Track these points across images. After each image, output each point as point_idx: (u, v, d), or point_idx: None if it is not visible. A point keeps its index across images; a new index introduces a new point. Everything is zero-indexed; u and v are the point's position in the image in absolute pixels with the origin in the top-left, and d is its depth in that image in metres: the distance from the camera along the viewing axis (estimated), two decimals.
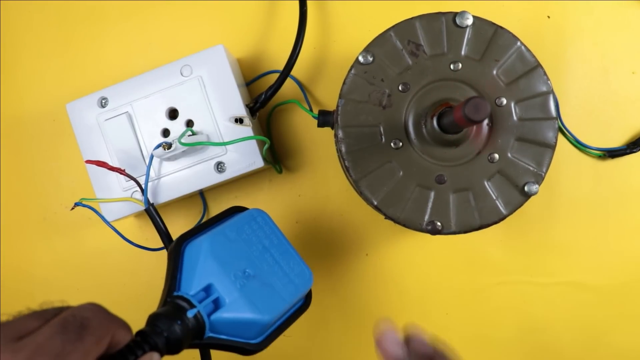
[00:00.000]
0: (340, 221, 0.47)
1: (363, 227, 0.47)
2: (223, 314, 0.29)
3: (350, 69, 0.38)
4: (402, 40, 0.38)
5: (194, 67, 0.43)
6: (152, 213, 0.41)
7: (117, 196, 0.44)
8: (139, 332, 0.26)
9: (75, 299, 0.53)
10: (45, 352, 0.21)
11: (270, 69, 0.48)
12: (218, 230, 0.32)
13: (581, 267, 0.46)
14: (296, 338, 0.48)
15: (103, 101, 0.44)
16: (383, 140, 0.37)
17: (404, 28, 0.38)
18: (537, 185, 0.37)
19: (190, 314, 0.27)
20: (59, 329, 0.22)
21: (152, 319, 0.27)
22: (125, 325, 0.25)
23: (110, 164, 0.41)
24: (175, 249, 0.31)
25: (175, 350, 0.27)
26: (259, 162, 0.43)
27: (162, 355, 0.26)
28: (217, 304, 0.29)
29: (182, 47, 0.48)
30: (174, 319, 0.27)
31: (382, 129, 0.37)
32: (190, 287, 0.29)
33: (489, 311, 0.47)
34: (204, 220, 0.48)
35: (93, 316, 0.23)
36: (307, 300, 0.35)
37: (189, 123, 0.43)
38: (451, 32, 0.38)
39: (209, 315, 0.29)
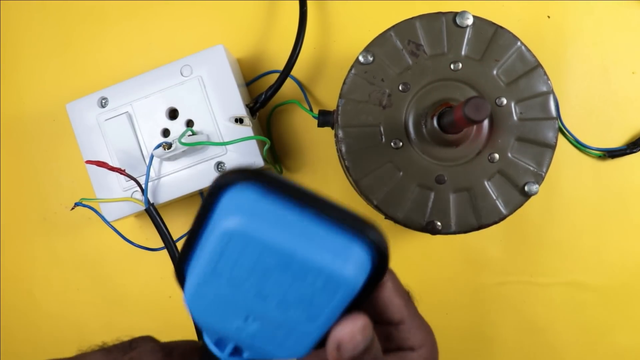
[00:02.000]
0: None
1: None
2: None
3: (351, 69, 0.38)
4: (402, 40, 0.38)
5: (194, 67, 0.43)
6: (153, 213, 0.41)
7: (117, 196, 0.44)
8: None
9: (75, 299, 0.53)
10: None
11: (270, 69, 0.48)
12: (195, 281, 0.22)
13: (581, 267, 0.46)
14: None
15: (103, 101, 0.44)
16: (383, 140, 0.37)
17: (404, 28, 0.38)
18: (537, 185, 0.37)
19: None
20: None
21: None
22: None
23: (110, 164, 0.41)
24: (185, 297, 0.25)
25: None
26: (259, 162, 0.43)
27: None
28: (237, 351, 0.24)
29: (182, 47, 0.48)
30: None
31: (382, 129, 0.37)
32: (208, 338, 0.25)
33: (489, 311, 0.47)
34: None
35: None
36: (379, 269, 0.24)
37: (189, 123, 0.43)
38: (451, 32, 0.38)
39: None
